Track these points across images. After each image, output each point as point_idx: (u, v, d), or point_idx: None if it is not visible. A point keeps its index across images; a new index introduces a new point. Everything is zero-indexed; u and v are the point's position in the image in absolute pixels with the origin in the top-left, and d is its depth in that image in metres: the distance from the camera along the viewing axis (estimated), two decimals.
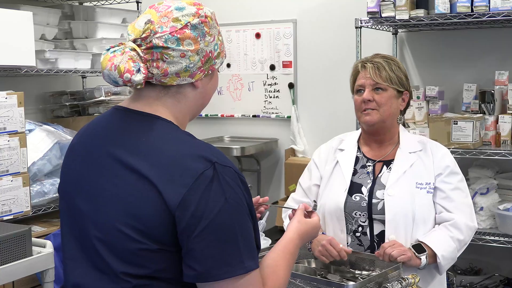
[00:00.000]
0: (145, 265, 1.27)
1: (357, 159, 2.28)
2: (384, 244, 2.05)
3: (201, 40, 1.33)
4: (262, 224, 2.30)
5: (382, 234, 2.16)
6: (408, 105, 2.28)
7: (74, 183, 1.40)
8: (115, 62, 1.29)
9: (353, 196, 2.21)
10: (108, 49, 1.32)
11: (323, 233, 2.20)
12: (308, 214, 1.64)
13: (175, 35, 1.30)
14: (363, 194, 2.20)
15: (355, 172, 2.25)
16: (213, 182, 1.24)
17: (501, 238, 3.18)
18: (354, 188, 2.22)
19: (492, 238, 3.20)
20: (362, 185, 2.22)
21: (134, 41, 1.32)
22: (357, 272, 2.06)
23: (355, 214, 2.19)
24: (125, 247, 1.27)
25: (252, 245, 1.29)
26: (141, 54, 1.30)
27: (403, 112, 2.29)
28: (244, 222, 1.28)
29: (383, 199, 2.16)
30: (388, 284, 1.83)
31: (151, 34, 1.30)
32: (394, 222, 2.13)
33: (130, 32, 1.33)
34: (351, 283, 1.89)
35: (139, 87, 1.31)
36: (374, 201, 2.17)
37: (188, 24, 1.32)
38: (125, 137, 1.33)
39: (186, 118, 1.41)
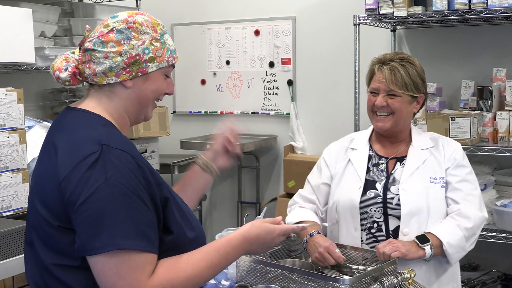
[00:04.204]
0: (51, 243, 1.40)
1: (369, 157, 2.28)
2: (379, 245, 2.05)
3: (125, 43, 1.47)
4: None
5: (397, 229, 2.16)
6: (422, 106, 2.28)
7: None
8: (54, 63, 1.52)
9: (367, 193, 2.21)
10: None
11: (318, 232, 2.18)
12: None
13: (100, 38, 1.47)
14: (377, 190, 2.20)
15: (368, 170, 2.25)
16: (97, 162, 1.35)
17: (499, 234, 3.20)
18: (368, 185, 2.22)
19: (489, 234, 3.21)
20: (376, 182, 2.22)
21: (80, 46, 1.52)
22: (353, 267, 2.08)
23: (370, 210, 2.19)
24: (38, 224, 1.42)
25: (133, 226, 1.34)
26: (77, 57, 1.51)
27: (416, 113, 2.29)
28: (125, 203, 1.34)
29: (398, 194, 2.16)
30: (384, 279, 1.84)
31: (86, 39, 1.50)
32: (409, 216, 2.14)
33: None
34: (347, 277, 1.91)
35: (67, 83, 1.50)
36: (389, 196, 2.18)
37: (114, 29, 1.47)
38: (58, 126, 1.51)
39: (124, 116, 1.53)
